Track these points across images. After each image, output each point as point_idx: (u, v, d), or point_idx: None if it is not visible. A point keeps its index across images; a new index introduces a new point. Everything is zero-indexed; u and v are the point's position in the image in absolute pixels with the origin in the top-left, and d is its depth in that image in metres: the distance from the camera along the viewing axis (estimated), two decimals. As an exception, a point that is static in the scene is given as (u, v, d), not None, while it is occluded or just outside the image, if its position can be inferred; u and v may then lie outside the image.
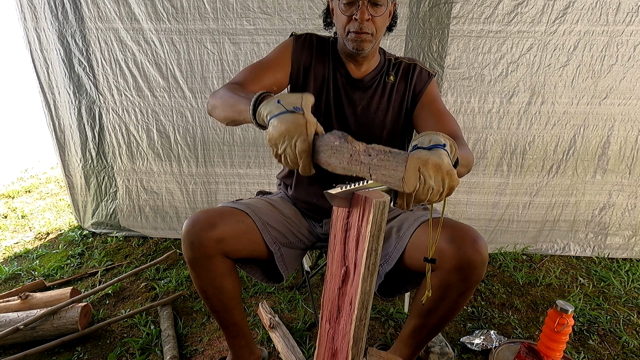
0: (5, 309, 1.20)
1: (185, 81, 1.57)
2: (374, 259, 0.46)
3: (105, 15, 1.50)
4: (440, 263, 0.68)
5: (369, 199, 0.45)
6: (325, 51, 0.89)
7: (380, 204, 0.44)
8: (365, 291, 0.47)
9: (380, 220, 0.45)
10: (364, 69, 0.88)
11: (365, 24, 0.77)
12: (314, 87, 0.88)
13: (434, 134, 0.55)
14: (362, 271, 0.46)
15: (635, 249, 1.63)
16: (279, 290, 1.39)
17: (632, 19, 1.36)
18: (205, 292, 0.81)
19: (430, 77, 0.89)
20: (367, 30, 0.78)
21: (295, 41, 0.88)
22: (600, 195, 1.60)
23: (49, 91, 1.65)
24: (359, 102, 0.88)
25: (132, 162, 1.71)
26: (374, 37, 0.80)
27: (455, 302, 0.72)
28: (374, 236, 0.45)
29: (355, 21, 0.77)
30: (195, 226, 0.73)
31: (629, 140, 1.51)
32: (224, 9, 1.46)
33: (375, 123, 0.89)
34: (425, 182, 0.48)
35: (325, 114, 0.89)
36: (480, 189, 1.63)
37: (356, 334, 0.49)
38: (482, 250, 0.67)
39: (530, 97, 1.49)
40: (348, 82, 0.88)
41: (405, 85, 0.89)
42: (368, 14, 0.76)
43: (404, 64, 0.90)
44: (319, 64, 0.88)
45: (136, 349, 1.10)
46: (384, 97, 0.89)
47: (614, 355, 1.10)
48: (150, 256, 1.65)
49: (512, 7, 1.38)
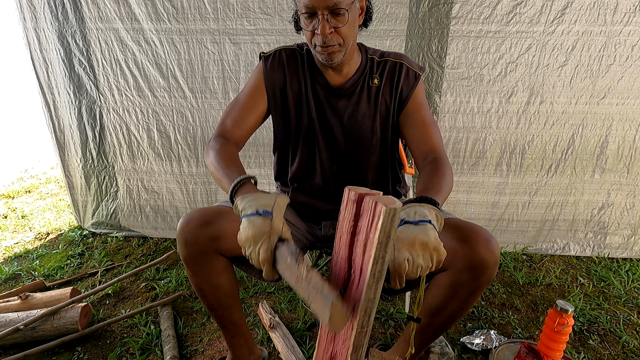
0: (5, 309, 1.20)
1: (186, 81, 1.58)
2: (381, 266, 0.44)
3: (106, 15, 1.50)
4: (453, 262, 0.67)
5: (379, 204, 0.43)
6: (299, 64, 0.84)
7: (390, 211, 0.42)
8: (370, 298, 0.46)
9: (389, 228, 0.43)
10: (345, 72, 0.83)
11: (329, 37, 0.72)
12: (293, 105, 0.85)
13: (419, 206, 0.57)
14: (367, 278, 0.45)
15: (634, 248, 1.63)
16: (279, 290, 1.39)
17: (630, 19, 1.36)
18: (201, 290, 0.81)
19: (418, 78, 0.83)
20: (332, 43, 0.73)
21: (264, 63, 0.84)
22: (599, 194, 1.60)
23: (49, 91, 1.65)
24: (344, 111, 0.84)
25: (133, 162, 1.72)
26: (343, 47, 0.75)
27: (464, 301, 0.72)
28: (381, 243, 0.44)
29: (318, 35, 0.72)
30: (189, 224, 0.73)
31: (627, 139, 1.52)
32: (225, 9, 1.47)
33: (363, 131, 0.85)
34: (414, 262, 0.52)
35: (309, 129, 0.86)
36: (479, 188, 1.63)
37: (357, 341, 0.48)
38: (495, 250, 0.66)
39: (529, 97, 1.49)
40: (329, 92, 0.84)
41: (391, 89, 0.83)
42: (329, 27, 0.70)
43: (389, 63, 0.84)
44: (293, 80, 0.84)
45: (136, 349, 1.10)
46: (370, 102, 0.84)
47: (614, 355, 1.10)
48: (150, 256, 1.65)
49: (511, 8, 1.39)
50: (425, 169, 0.76)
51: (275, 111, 0.87)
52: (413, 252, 0.52)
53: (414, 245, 0.52)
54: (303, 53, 0.85)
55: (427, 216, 0.55)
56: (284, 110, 0.87)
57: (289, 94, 0.85)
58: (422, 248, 0.52)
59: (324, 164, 0.89)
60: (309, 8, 0.70)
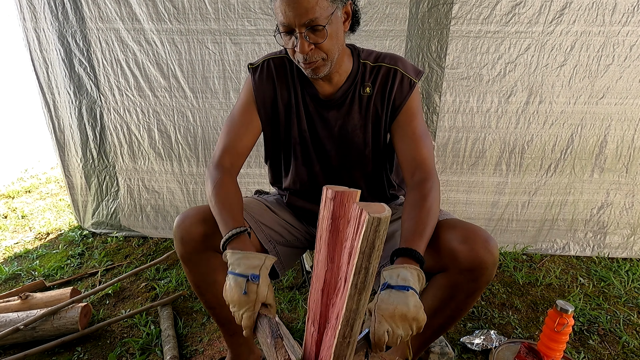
0: (5, 309, 1.20)
1: (187, 81, 1.58)
2: (364, 277, 0.42)
3: (106, 15, 1.51)
4: (452, 263, 0.68)
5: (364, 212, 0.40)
6: (287, 74, 0.82)
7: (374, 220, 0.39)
8: (351, 309, 0.44)
9: (373, 238, 0.40)
10: (335, 81, 0.79)
11: (310, 54, 0.69)
12: (283, 116, 0.83)
13: (402, 268, 0.59)
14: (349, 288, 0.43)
15: (634, 248, 1.63)
16: (279, 290, 1.39)
17: (628, 19, 1.37)
18: (198, 288, 0.81)
19: (412, 86, 0.79)
20: (314, 59, 0.70)
21: (253, 76, 0.82)
22: (598, 194, 1.60)
23: (49, 91, 1.66)
24: (334, 123, 0.82)
25: (134, 162, 1.72)
26: (328, 60, 0.71)
27: (463, 302, 0.72)
28: (364, 253, 0.41)
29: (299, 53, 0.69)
30: (185, 221, 0.74)
31: (625, 139, 1.52)
32: (225, 10, 1.47)
33: (355, 142, 0.83)
34: (394, 333, 0.55)
35: (300, 141, 0.85)
36: (479, 188, 1.63)
37: (338, 351, 0.47)
38: (494, 251, 0.66)
39: (528, 97, 1.50)
40: (318, 104, 0.81)
41: (383, 97, 0.79)
42: (308, 44, 0.67)
43: (383, 69, 0.79)
44: (283, 90, 0.82)
45: (136, 349, 1.10)
46: (361, 112, 0.81)
47: (614, 355, 1.10)
48: (150, 256, 1.65)
49: (510, 8, 1.39)
50: (412, 194, 0.73)
51: (265, 124, 0.85)
52: (393, 324, 0.55)
53: (393, 317, 0.55)
54: (292, 60, 0.81)
55: (409, 281, 0.58)
56: (274, 122, 0.85)
57: (280, 105, 0.83)
58: (401, 319, 0.55)
59: (317, 175, 0.88)
60: (285, 26, 0.68)
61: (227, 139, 0.82)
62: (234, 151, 0.81)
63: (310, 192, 0.91)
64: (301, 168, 0.88)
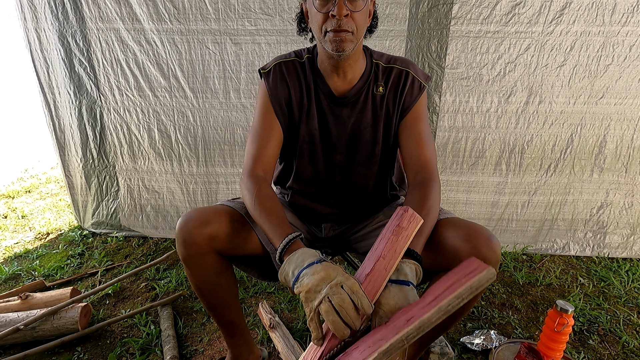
0: (5, 309, 1.20)
1: (187, 81, 1.58)
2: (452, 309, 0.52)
3: (107, 15, 1.51)
4: (454, 261, 0.67)
5: (482, 265, 0.55)
6: (300, 74, 0.83)
7: (490, 276, 0.53)
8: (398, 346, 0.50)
9: (476, 286, 0.52)
10: (350, 78, 0.81)
11: (344, 21, 0.69)
12: (298, 115, 0.84)
13: (402, 263, 0.63)
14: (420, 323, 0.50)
15: (634, 247, 1.63)
16: (279, 290, 1.39)
17: (628, 19, 1.37)
18: (200, 290, 0.81)
19: (422, 90, 0.82)
20: (346, 28, 0.70)
21: (266, 80, 0.83)
22: (597, 193, 1.60)
23: (49, 91, 1.66)
24: (347, 120, 0.83)
25: (134, 162, 1.72)
26: (355, 37, 0.72)
27: None
28: (460, 296, 0.52)
29: (332, 18, 0.69)
30: (188, 223, 0.73)
31: (625, 139, 1.52)
32: (226, 10, 1.47)
33: (366, 140, 0.84)
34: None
35: (309, 140, 0.85)
36: (479, 188, 1.63)
37: None
38: (496, 249, 0.67)
39: (527, 97, 1.50)
40: (332, 101, 0.82)
41: (395, 98, 0.82)
42: (346, 9, 0.69)
43: (395, 70, 0.82)
44: (297, 90, 0.83)
45: (136, 349, 1.10)
46: (374, 111, 0.83)
47: (614, 355, 1.10)
48: (150, 256, 1.65)
49: (510, 8, 1.39)
50: (413, 193, 0.75)
51: (284, 125, 0.85)
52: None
53: (393, 312, 0.57)
54: (303, 62, 0.84)
55: (408, 276, 0.61)
56: (291, 123, 0.86)
57: (294, 105, 0.84)
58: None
59: (325, 173, 0.89)
60: None
61: (253, 147, 0.82)
62: (265, 159, 0.81)
63: (313, 191, 0.92)
64: (307, 167, 0.89)
